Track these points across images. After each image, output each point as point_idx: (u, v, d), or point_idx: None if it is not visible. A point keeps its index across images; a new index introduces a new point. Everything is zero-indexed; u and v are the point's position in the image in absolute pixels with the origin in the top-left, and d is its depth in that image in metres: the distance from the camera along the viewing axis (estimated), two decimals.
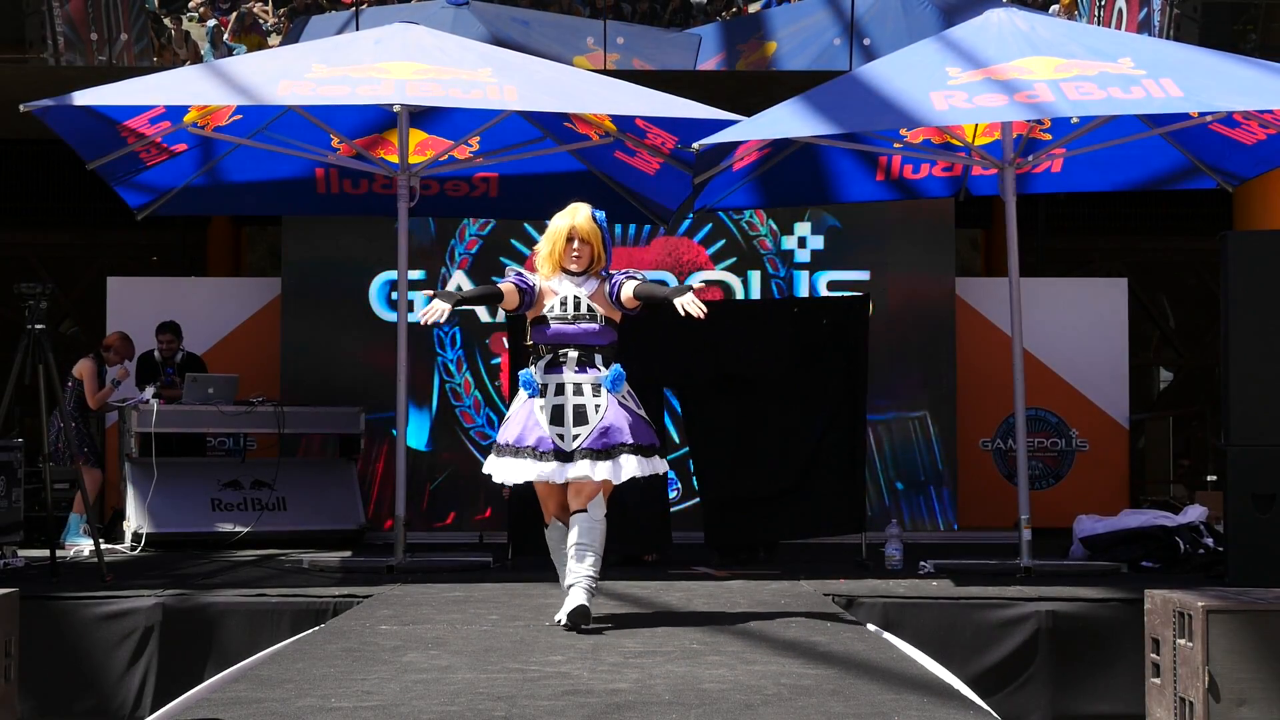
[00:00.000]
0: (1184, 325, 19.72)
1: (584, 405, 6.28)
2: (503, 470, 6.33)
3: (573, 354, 6.33)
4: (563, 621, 6.19)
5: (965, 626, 7.27)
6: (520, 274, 6.47)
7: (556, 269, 6.43)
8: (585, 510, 6.30)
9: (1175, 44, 10.71)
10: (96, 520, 9.19)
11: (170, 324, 11.59)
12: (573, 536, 6.32)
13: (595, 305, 6.39)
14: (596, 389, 6.31)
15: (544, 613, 6.72)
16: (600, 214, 6.54)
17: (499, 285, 6.42)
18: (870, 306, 9.71)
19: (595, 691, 4.69)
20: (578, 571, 6.26)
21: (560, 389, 6.31)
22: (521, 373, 6.41)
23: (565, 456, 6.23)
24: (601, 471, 6.22)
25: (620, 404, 6.33)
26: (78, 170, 9.55)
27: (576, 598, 6.20)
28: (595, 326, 6.36)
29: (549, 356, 6.36)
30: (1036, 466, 12.67)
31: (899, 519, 10.31)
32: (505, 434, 6.36)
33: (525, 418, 6.32)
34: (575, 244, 6.39)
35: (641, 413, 6.45)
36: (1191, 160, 9.79)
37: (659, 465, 6.42)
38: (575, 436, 6.24)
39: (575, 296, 6.38)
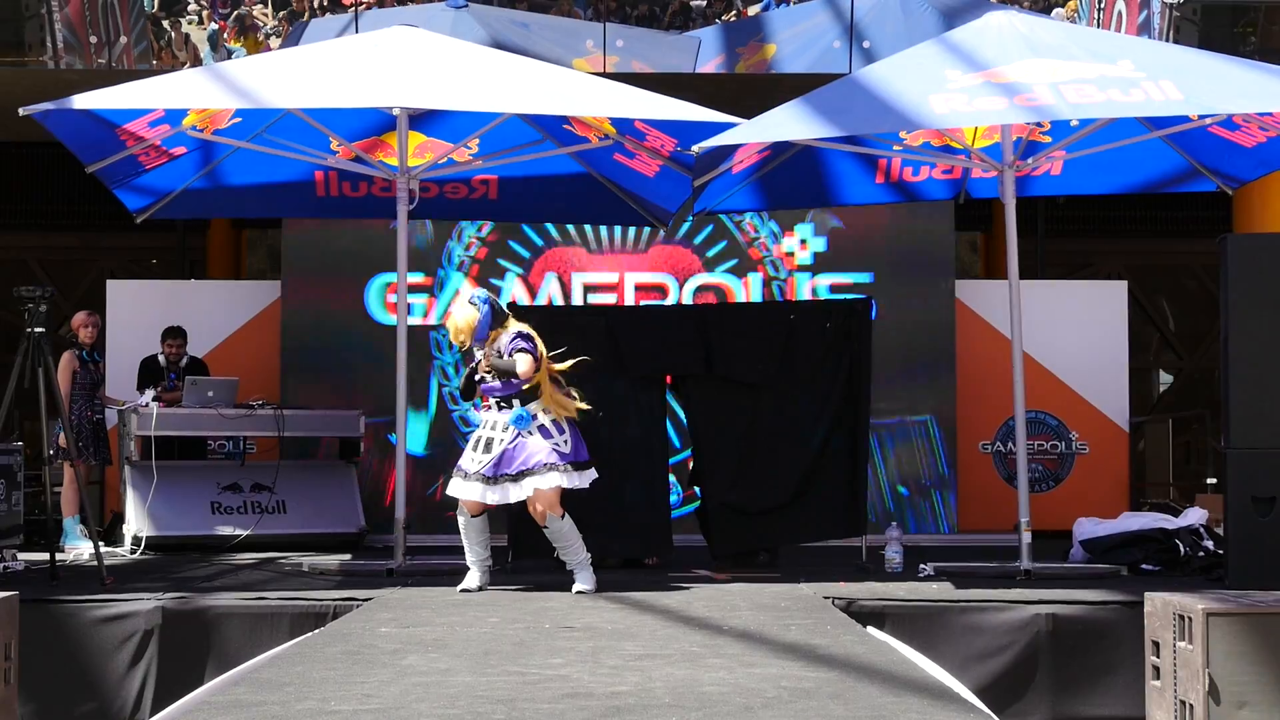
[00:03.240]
0: (1184, 328, 19.72)
1: (493, 438, 7.86)
2: (455, 489, 7.97)
3: (491, 401, 7.95)
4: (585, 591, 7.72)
5: (965, 629, 7.27)
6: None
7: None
8: (547, 526, 7.84)
9: (1175, 46, 10.73)
10: (94, 515, 9.10)
11: (178, 329, 11.57)
12: (554, 541, 7.91)
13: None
14: (506, 426, 7.84)
15: (544, 615, 6.73)
16: (477, 296, 7.96)
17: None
18: (873, 309, 9.70)
19: (595, 694, 4.68)
20: (579, 559, 7.86)
21: (485, 424, 7.99)
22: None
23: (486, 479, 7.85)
24: (492, 496, 7.84)
25: (523, 436, 7.79)
26: (78, 173, 9.54)
27: (588, 580, 7.81)
28: (498, 384, 7.87)
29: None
30: (1036, 469, 12.67)
31: (899, 521, 10.29)
32: (460, 461, 7.99)
33: (469, 448, 7.98)
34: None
35: (556, 438, 7.80)
36: (1191, 163, 9.79)
37: (563, 480, 7.75)
38: (481, 463, 7.84)
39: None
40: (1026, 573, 8.29)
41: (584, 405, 7.93)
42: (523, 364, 7.76)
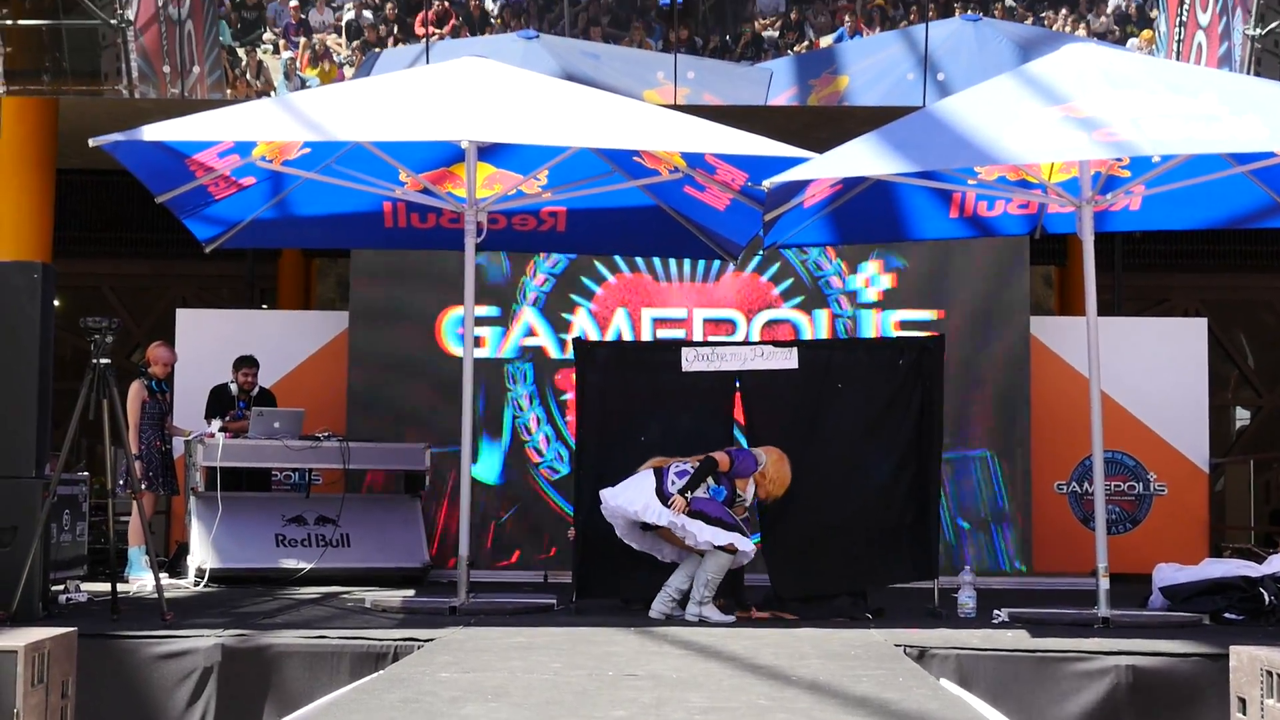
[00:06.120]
0: (1263, 364, 19.39)
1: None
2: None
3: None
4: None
5: (1042, 681, 7.04)
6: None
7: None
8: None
9: (1258, 80, 10.47)
10: (160, 545, 9.05)
11: (252, 358, 11.57)
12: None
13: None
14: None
15: (608, 660, 6.58)
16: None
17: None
18: (945, 346, 9.51)
19: None
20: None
21: None
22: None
23: None
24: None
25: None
26: (150, 201, 9.53)
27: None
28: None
29: None
30: (1113, 511, 12.41)
31: (972, 563, 10.05)
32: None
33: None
34: None
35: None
36: (1275, 198, 9.54)
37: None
38: None
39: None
40: (1105, 620, 8.06)
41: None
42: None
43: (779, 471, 8.72)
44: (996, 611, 8.45)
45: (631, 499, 8.46)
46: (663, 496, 8.41)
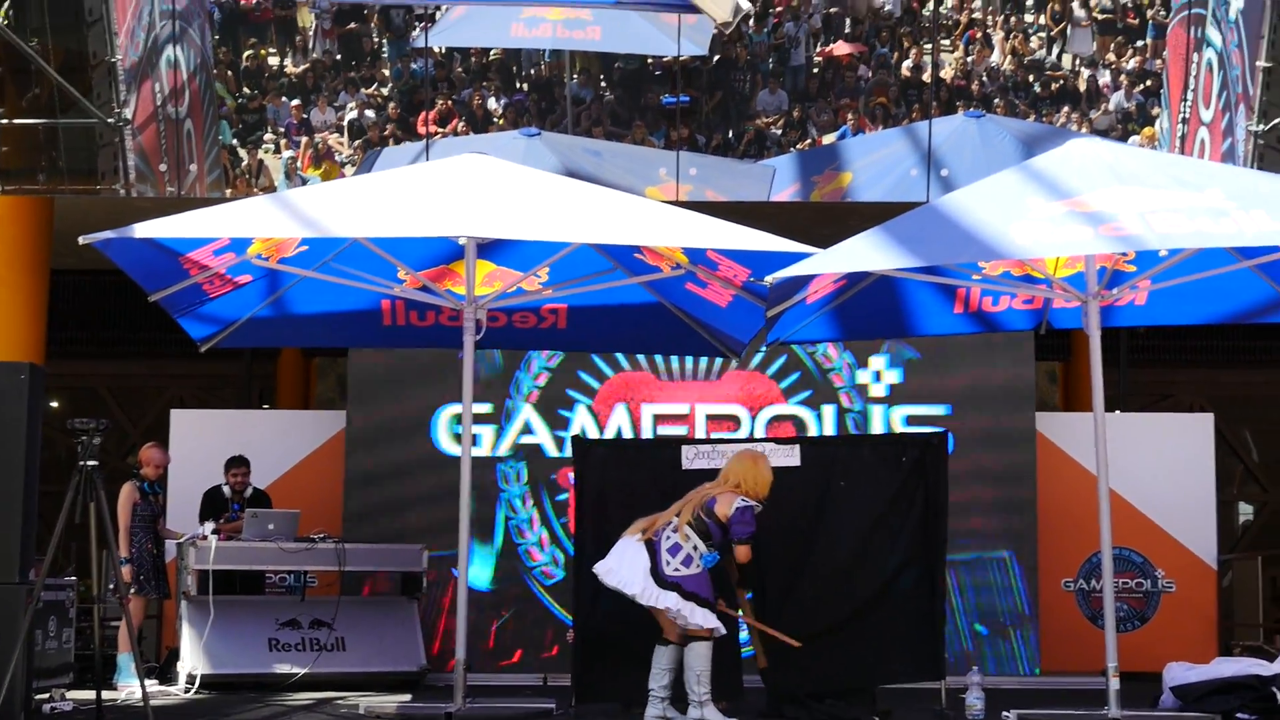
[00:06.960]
0: (1268, 459, 19.26)
1: None
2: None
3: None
4: None
5: None
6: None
7: None
8: None
9: (1264, 174, 10.43)
10: (151, 650, 8.88)
11: (242, 458, 11.44)
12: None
13: None
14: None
15: None
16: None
17: None
18: (951, 442, 9.37)
19: None
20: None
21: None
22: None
23: None
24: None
25: None
26: (146, 300, 9.44)
27: None
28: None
29: None
30: (1121, 608, 12.24)
31: (979, 663, 9.85)
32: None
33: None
34: None
35: None
36: None
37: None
38: None
39: None
40: None
41: None
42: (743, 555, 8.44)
43: (757, 483, 8.43)
44: (1005, 713, 8.30)
45: (625, 579, 8.27)
46: (658, 577, 8.19)
